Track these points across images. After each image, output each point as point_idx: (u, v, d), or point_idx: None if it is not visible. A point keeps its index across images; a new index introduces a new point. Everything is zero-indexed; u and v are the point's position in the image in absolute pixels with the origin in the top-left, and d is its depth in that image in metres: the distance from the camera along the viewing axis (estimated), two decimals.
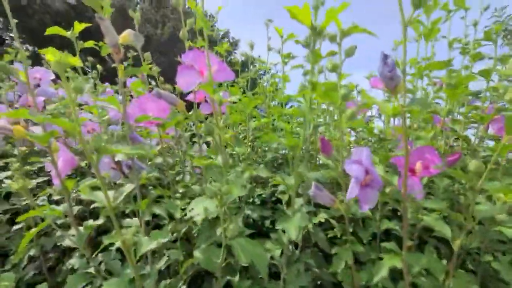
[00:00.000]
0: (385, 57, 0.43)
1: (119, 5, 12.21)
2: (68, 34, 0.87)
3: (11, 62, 1.46)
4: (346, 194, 0.56)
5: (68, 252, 1.06)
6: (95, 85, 1.65)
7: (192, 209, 0.47)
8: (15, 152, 1.02)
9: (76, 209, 0.73)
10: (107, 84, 1.99)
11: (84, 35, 0.92)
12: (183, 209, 0.69)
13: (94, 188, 0.58)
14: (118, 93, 2.09)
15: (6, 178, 0.87)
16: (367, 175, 0.54)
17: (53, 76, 1.70)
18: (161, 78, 1.02)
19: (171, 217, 0.70)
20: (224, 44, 1.45)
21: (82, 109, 1.64)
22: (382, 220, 0.77)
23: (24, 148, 0.99)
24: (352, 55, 0.54)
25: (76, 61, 0.42)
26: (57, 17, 12.64)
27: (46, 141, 0.61)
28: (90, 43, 0.93)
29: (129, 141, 0.84)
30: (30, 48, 13.21)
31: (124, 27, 0.66)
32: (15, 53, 1.48)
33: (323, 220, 0.74)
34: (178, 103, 0.78)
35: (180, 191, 0.82)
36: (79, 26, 0.88)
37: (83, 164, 1.02)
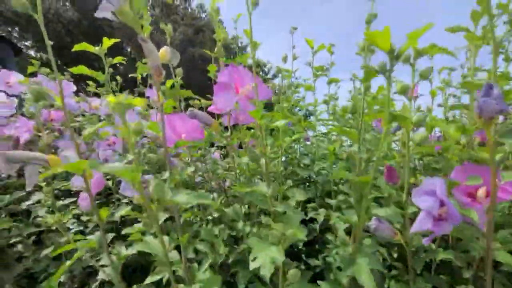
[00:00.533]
0: (490, 87, 0.37)
1: None
2: (96, 50, 0.84)
3: (34, 73, 1.45)
4: (411, 227, 0.50)
5: (93, 273, 1.02)
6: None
7: (255, 258, 0.42)
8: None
9: (109, 237, 0.69)
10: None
11: (91, 39, 0.89)
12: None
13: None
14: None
15: (38, 202, 0.84)
16: (441, 207, 0.48)
17: (74, 88, 1.69)
18: (196, 100, 0.98)
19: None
20: (246, 55, 1.40)
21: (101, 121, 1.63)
22: (437, 249, 0.70)
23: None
24: (427, 78, 0.49)
25: (140, 102, 0.37)
26: (69, 26, 12.98)
27: (81, 170, 0.58)
28: (118, 59, 0.90)
29: (168, 165, 0.80)
30: (45, 56, 13.59)
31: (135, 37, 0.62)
32: (38, 64, 1.46)
33: None
34: (212, 123, 0.73)
35: (215, 215, 0.77)
36: (107, 42, 0.85)
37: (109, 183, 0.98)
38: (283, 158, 1.15)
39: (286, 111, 0.93)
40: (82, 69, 0.73)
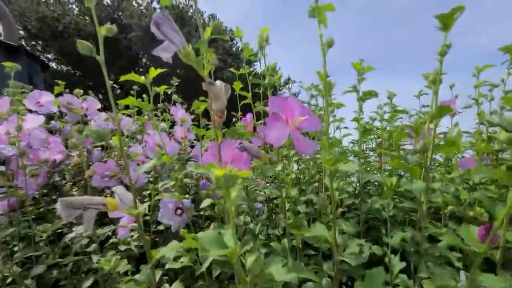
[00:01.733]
0: None
1: (147, 26, 12.87)
2: (143, 80, 0.84)
3: (61, 93, 1.47)
4: None
5: None
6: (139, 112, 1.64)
7: None
8: None
9: (158, 275, 0.67)
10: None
11: (110, 51, 0.88)
12: None
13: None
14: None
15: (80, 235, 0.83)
16: None
17: (99, 105, 1.72)
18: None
19: None
20: (246, 69, 1.38)
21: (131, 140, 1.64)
22: None
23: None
24: None
25: (247, 173, 0.35)
26: (88, 39, 13.52)
27: (138, 215, 0.56)
28: (162, 88, 0.90)
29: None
30: (65, 68, 14.20)
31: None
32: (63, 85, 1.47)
33: None
34: (262, 156, 0.70)
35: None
36: (154, 72, 0.85)
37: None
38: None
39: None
40: (131, 101, 0.72)
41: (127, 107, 1.67)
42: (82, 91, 1.27)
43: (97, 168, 1.26)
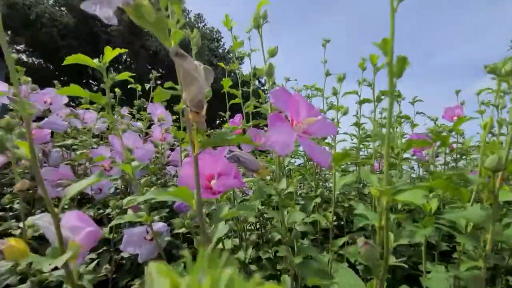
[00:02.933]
0: None
1: (128, 19, 12.35)
2: (96, 64, 0.63)
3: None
4: None
5: None
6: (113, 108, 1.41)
7: None
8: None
9: None
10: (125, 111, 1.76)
11: (90, 46, 0.67)
12: None
13: None
14: (134, 118, 1.85)
15: None
16: None
17: (65, 100, 1.46)
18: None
19: None
20: (236, 64, 1.22)
21: (97, 142, 1.39)
22: None
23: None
24: None
25: None
26: (65, 30, 12.71)
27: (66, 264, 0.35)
28: (123, 75, 0.69)
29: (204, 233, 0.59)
30: (37, 61, 13.27)
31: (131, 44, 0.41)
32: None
33: None
34: (260, 169, 0.52)
35: None
36: (110, 53, 0.64)
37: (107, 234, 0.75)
38: None
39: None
40: (75, 90, 0.51)
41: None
42: (29, 78, 1.02)
43: (47, 174, 1.01)
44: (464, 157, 1.18)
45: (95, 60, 0.67)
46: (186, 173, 0.60)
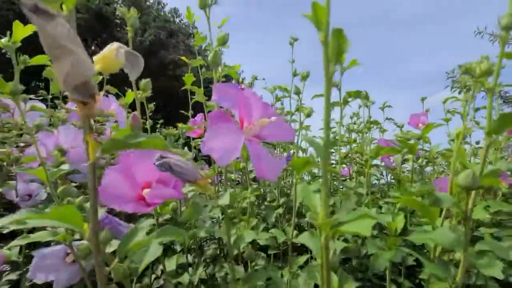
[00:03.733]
0: None
1: (97, 8, 11.57)
2: (4, 43, 0.49)
3: None
4: None
5: None
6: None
7: None
8: None
9: None
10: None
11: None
12: None
13: None
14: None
15: None
16: None
17: None
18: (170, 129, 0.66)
19: None
20: (200, 61, 1.12)
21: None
22: None
23: None
24: None
25: None
26: (21, 17, 11.56)
27: None
28: (40, 59, 0.55)
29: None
30: None
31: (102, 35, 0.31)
32: None
33: None
34: (200, 181, 0.42)
35: None
36: (21, 30, 0.50)
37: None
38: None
39: None
40: None
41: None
42: None
43: None
44: (429, 164, 1.17)
45: (3, 40, 0.53)
46: (111, 182, 0.48)
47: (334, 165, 1.35)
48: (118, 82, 0.95)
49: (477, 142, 1.34)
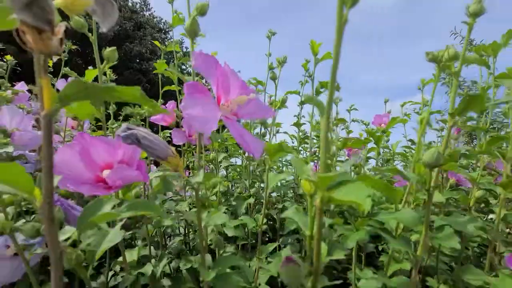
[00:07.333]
0: None
1: None
2: None
3: None
4: None
5: None
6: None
7: None
8: None
9: None
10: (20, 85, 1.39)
11: None
12: None
13: None
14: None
15: None
16: None
17: None
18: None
19: None
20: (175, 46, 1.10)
21: None
22: None
23: None
24: None
25: None
26: None
27: None
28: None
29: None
30: None
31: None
32: None
33: None
34: (169, 157, 0.39)
35: None
36: None
37: None
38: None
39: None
40: None
41: None
42: None
43: None
44: (390, 161, 1.26)
45: None
46: (65, 159, 0.43)
47: None
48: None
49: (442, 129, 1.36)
